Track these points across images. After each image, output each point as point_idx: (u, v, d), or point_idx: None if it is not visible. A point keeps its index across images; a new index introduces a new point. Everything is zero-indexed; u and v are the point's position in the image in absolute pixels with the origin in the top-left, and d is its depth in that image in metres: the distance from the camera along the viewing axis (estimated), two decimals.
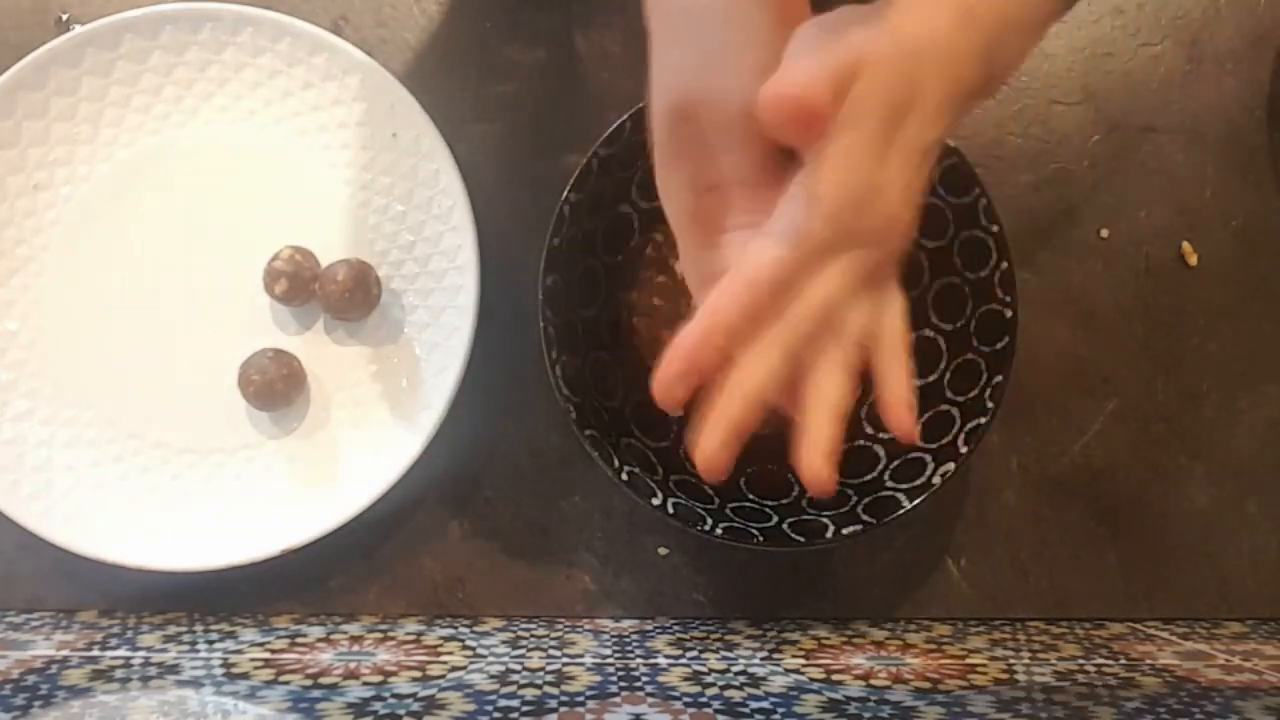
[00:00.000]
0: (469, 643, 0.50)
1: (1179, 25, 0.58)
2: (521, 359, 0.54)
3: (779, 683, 0.46)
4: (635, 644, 0.50)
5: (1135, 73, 0.58)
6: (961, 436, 0.48)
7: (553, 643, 0.50)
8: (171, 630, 0.51)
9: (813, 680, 0.46)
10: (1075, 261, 0.57)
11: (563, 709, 0.42)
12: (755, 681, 0.46)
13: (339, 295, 0.51)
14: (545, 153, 0.56)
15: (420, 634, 0.51)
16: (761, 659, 0.49)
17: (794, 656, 0.49)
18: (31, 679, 0.45)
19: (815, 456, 0.33)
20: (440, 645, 0.50)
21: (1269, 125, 0.58)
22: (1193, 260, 0.57)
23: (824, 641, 0.51)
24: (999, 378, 0.48)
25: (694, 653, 0.49)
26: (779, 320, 0.33)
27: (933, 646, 0.51)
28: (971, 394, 0.49)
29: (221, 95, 0.54)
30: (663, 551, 0.54)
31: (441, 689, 0.44)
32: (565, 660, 0.48)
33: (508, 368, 0.54)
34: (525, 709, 0.42)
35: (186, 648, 0.49)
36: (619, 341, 0.53)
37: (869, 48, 0.31)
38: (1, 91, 0.51)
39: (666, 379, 0.34)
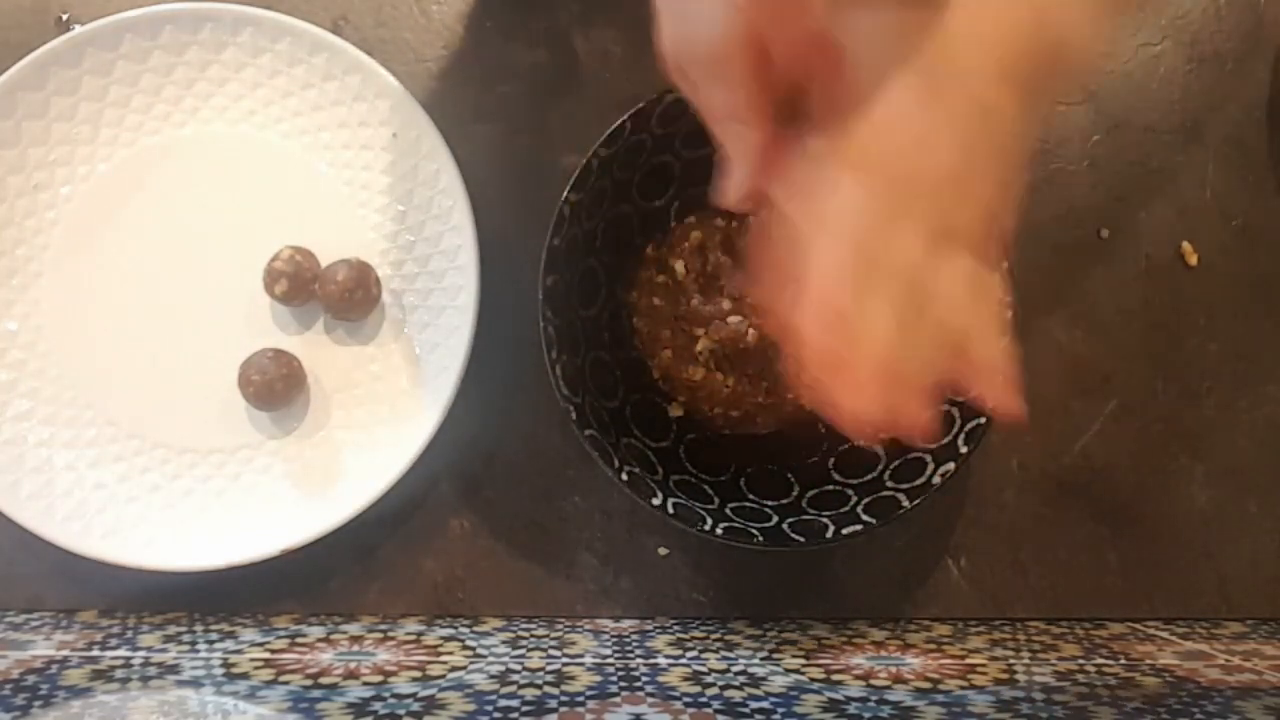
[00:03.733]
0: (469, 643, 0.50)
1: (1179, 25, 0.58)
2: (521, 359, 0.54)
3: (779, 683, 0.45)
4: (635, 644, 0.50)
5: (1135, 73, 0.58)
6: (961, 436, 0.48)
7: (553, 643, 0.50)
8: (171, 630, 0.51)
9: (813, 680, 0.46)
10: (1075, 261, 0.57)
11: (563, 709, 0.42)
12: (755, 681, 0.46)
13: (339, 295, 0.51)
14: (545, 153, 0.56)
15: (420, 634, 0.51)
16: (761, 659, 0.49)
17: (794, 656, 0.49)
18: (31, 679, 0.45)
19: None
20: (440, 645, 0.50)
21: (1269, 125, 0.58)
22: (1193, 260, 0.57)
23: (824, 641, 0.51)
24: None
25: (694, 653, 0.49)
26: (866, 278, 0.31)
27: (933, 646, 0.51)
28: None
29: (221, 95, 0.54)
30: (663, 551, 0.54)
31: (441, 689, 0.44)
32: (565, 660, 0.48)
33: (508, 368, 0.54)
34: (525, 709, 0.42)
35: (186, 648, 0.49)
36: (619, 341, 0.53)
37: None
38: (1, 91, 0.51)
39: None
